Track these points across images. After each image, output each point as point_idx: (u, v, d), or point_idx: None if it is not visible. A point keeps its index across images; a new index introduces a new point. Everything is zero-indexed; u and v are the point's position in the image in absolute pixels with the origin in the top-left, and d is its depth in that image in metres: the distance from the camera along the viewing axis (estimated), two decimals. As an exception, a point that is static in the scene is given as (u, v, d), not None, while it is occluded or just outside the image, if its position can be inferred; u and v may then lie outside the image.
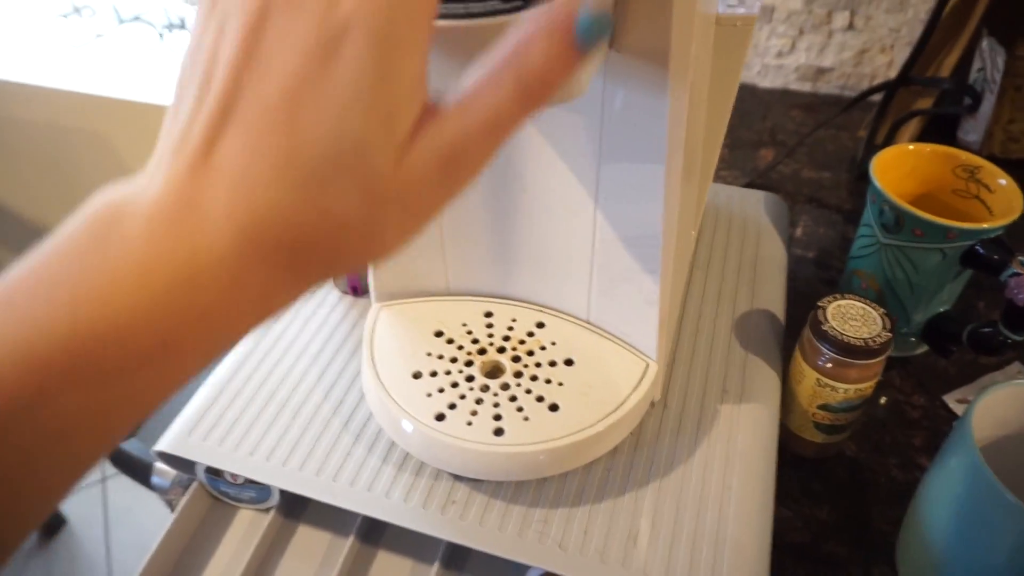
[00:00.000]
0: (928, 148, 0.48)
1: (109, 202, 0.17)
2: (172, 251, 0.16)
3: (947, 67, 0.64)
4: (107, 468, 1.35)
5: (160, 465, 0.41)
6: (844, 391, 0.39)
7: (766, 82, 0.82)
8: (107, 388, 0.16)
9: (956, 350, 0.47)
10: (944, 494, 0.34)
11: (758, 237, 0.51)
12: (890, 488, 0.43)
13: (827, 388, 0.39)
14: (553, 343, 0.39)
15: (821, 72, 0.80)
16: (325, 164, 0.16)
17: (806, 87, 0.81)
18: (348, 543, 0.37)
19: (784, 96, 0.80)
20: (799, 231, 0.61)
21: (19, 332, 0.15)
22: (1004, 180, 0.45)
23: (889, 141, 0.65)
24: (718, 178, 0.67)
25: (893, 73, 0.71)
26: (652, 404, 0.39)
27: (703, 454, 0.37)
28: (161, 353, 0.16)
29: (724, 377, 0.41)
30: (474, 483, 0.36)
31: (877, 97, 0.67)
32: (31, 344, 0.15)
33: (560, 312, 0.40)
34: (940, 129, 0.69)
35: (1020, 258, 0.41)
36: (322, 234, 0.17)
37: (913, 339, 0.49)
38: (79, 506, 1.32)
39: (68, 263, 0.16)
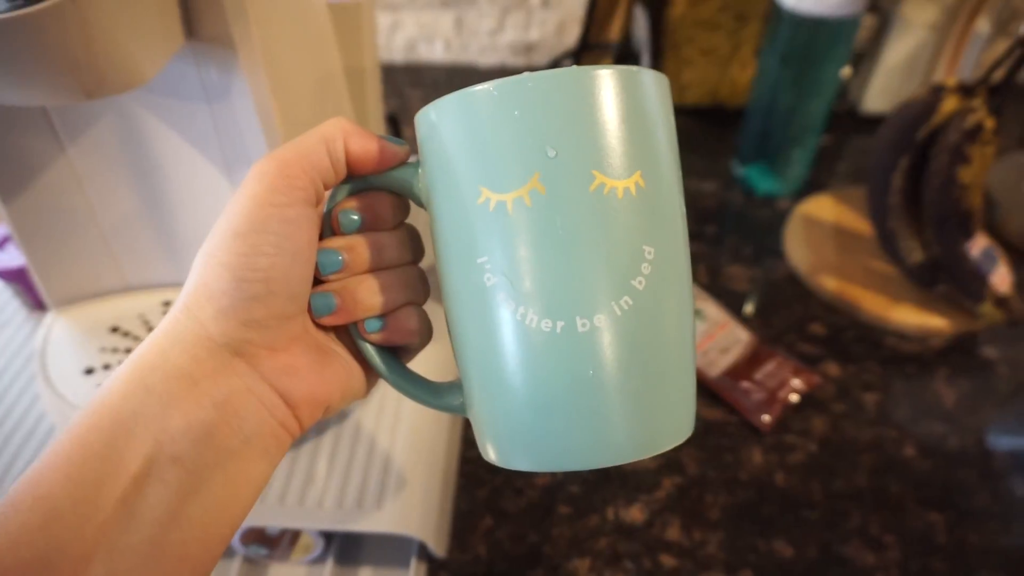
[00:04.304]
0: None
1: None
2: None
3: (615, 32, 0.73)
4: None
5: None
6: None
7: (487, 60, 0.89)
8: None
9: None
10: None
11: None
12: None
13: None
14: (234, 319, 0.41)
15: (530, 47, 0.87)
16: None
17: (520, 61, 0.89)
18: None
19: (502, 72, 0.87)
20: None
21: None
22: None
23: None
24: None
25: (583, 42, 0.80)
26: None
27: (377, 401, 0.41)
28: None
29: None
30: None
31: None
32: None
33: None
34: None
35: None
36: None
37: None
38: None
39: None
